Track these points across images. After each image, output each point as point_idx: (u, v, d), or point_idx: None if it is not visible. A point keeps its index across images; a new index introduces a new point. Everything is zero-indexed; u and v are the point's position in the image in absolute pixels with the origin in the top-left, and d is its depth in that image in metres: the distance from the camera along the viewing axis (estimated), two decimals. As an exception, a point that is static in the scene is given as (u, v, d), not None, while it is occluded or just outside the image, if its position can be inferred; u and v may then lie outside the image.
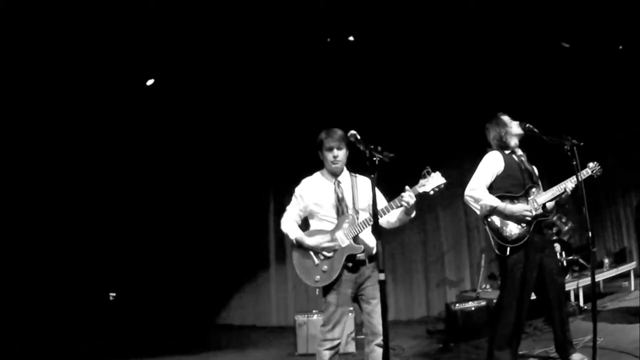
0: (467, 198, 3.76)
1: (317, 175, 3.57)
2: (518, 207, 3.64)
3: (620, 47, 6.77)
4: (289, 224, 3.51)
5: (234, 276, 7.60)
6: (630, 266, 6.40)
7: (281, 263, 7.70)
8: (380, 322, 3.09)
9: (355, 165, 3.50)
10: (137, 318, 6.82)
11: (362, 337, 4.96)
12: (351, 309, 5.38)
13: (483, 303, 5.56)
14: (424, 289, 7.55)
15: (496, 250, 3.69)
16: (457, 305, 5.53)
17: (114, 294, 6.92)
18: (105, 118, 6.77)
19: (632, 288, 6.14)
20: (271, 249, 7.78)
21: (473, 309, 5.49)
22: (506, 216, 3.65)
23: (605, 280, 6.29)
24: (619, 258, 6.80)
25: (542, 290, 3.74)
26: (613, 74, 6.96)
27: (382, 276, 2.61)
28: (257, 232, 7.81)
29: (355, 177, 3.55)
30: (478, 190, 3.71)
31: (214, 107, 7.32)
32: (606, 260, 6.41)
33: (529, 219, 3.61)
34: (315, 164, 5.20)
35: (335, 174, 3.48)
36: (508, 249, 3.61)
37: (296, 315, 5.58)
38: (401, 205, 3.16)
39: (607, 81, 7.04)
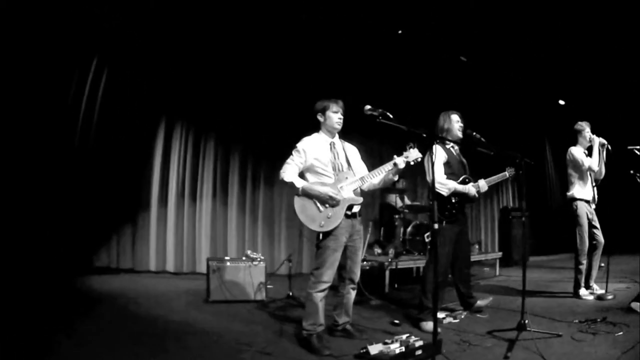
0: (438, 186, 4.87)
1: (315, 135, 4.40)
2: (469, 187, 5.01)
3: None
4: (293, 175, 4.17)
5: (111, 216, 7.45)
6: (497, 255, 8.60)
7: (163, 205, 7.86)
8: (359, 271, 4.36)
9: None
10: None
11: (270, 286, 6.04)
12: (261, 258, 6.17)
13: (375, 264, 6.94)
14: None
15: (436, 222, 4.91)
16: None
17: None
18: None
19: (497, 273, 8.29)
20: (153, 190, 7.81)
21: (368, 267, 6.85)
22: (459, 194, 4.96)
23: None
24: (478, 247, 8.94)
25: (456, 254, 5.08)
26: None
27: (436, 225, 3.58)
28: (140, 169, 7.79)
29: (344, 142, 4.53)
30: (445, 181, 4.92)
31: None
32: (476, 246, 8.39)
33: (476, 195, 5.05)
34: (218, 102, 7.33)
35: (332, 135, 4.38)
36: (444, 222, 4.93)
37: (210, 262, 5.92)
38: (394, 167, 4.17)
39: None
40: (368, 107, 3.93)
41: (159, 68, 7.74)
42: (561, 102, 10.51)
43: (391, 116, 3.85)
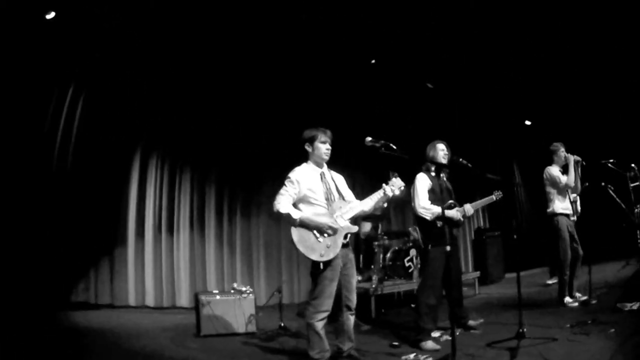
0: (422, 211, 5.15)
1: (305, 165, 4.50)
2: (453, 212, 5.25)
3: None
4: (288, 206, 4.24)
5: (88, 250, 7.32)
6: (475, 274, 8.83)
7: (140, 238, 7.80)
8: (355, 297, 4.43)
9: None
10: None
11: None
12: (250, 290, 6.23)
13: (361, 291, 6.84)
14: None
15: (422, 245, 5.28)
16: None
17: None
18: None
19: (477, 292, 8.49)
20: (130, 223, 7.76)
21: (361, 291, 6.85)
22: (442, 219, 5.04)
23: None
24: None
25: (447, 274, 5.21)
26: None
27: (448, 248, 4.04)
28: (116, 201, 7.75)
29: (331, 172, 4.63)
30: (429, 206, 5.14)
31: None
32: None
33: (461, 219, 5.33)
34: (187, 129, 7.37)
35: (321, 165, 4.49)
36: (430, 245, 5.14)
37: (200, 296, 5.92)
38: (384, 195, 4.35)
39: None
40: (369, 139, 4.13)
41: (134, 99, 7.77)
42: (527, 122, 11.06)
43: (394, 147, 4.03)
